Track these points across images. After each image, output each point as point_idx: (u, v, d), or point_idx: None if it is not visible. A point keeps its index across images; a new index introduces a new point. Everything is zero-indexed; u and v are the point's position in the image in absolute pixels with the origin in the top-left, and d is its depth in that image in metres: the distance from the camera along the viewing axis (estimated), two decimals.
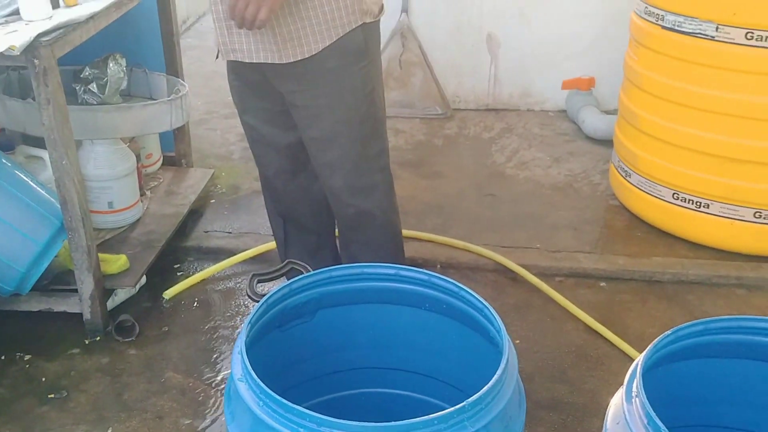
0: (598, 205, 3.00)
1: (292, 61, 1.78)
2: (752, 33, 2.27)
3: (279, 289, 1.30)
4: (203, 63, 4.39)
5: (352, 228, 2.09)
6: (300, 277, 1.33)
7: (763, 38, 2.26)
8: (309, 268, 1.36)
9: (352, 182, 1.98)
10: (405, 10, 3.66)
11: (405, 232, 2.73)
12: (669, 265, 2.57)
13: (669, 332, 1.15)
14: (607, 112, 3.50)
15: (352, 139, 1.91)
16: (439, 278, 1.32)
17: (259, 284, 1.38)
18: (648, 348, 1.12)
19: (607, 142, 3.23)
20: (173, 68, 2.88)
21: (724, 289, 2.51)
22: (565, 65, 3.65)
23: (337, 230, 2.25)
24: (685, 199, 2.60)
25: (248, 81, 1.94)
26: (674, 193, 2.62)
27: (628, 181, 2.81)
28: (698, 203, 2.57)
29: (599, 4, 3.53)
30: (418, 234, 2.75)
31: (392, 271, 1.34)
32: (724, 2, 2.30)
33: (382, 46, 3.79)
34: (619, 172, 2.88)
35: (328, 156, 1.94)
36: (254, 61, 1.80)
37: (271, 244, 2.65)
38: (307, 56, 1.78)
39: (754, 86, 2.33)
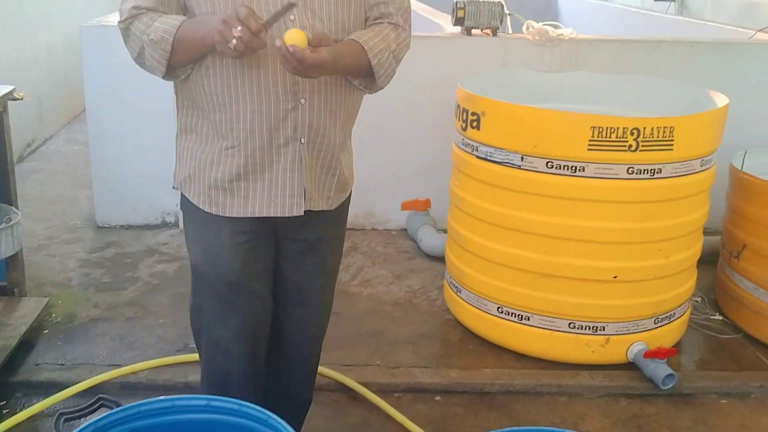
0: (435, 319, 3.16)
1: (337, 205, 1.87)
2: (552, 162, 2.57)
3: (84, 428, 1.30)
4: (47, 186, 4.32)
5: (309, 375, 2.14)
6: (108, 413, 1.34)
7: (561, 167, 2.56)
8: (119, 403, 1.37)
9: (325, 321, 2.06)
10: None
11: None
12: (497, 377, 2.73)
13: None
14: (444, 231, 3.73)
15: (336, 276, 2.05)
16: (249, 407, 1.37)
17: (68, 422, 1.37)
18: None
19: (444, 259, 3.43)
20: (6, 196, 2.83)
21: (548, 398, 2.68)
22: (404, 187, 3.89)
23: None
24: (509, 312, 2.80)
25: (264, 240, 1.82)
26: (499, 307, 2.82)
27: (459, 297, 2.99)
28: (520, 316, 2.78)
29: (429, 134, 3.82)
30: None
31: (203, 402, 1.37)
32: (527, 136, 2.59)
33: None
34: (451, 288, 3.07)
35: (325, 297, 2.00)
36: (319, 209, 1.80)
37: (107, 375, 2.59)
38: (343, 199, 1.90)
39: (555, 209, 2.60)
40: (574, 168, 2.54)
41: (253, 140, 1.68)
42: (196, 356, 2.72)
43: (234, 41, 1.48)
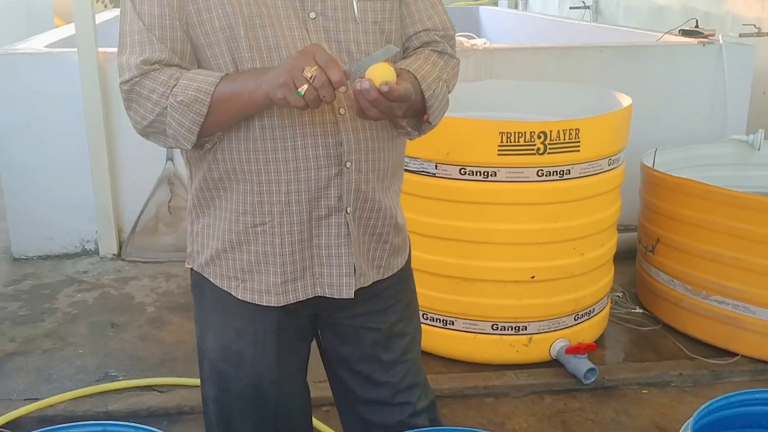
0: None
1: (394, 272, 1.58)
2: (464, 169, 2.61)
3: None
4: None
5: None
6: None
7: (474, 173, 2.60)
8: None
9: (418, 379, 1.68)
10: (170, 158, 3.76)
11: (172, 379, 2.71)
12: None
13: None
14: None
15: (418, 329, 1.73)
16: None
17: None
18: None
19: None
20: None
21: (475, 400, 2.71)
22: None
23: None
24: (433, 318, 2.82)
25: (300, 328, 1.54)
26: (423, 314, 2.84)
27: None
28: (444, 321, 2.81)
29: None
30: (187, 380, 2.71)
31: (99, 429, 1.34)
32: (440, 145, 2.62)
33: (149, 194, 3.84)
34: None
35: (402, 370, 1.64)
36: (367, 284, 1.50)
37: (23, 410, 2.50)
38: (403, 263, 1.63)
39: (471, 214, 2.64)
40: (486, 173, 2.59)
41: (290, 215, 1.40)
42: (116, 384, 2.68)
43: (305, 86, 1.20)
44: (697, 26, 4.48)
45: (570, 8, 6.97)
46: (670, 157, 3.40)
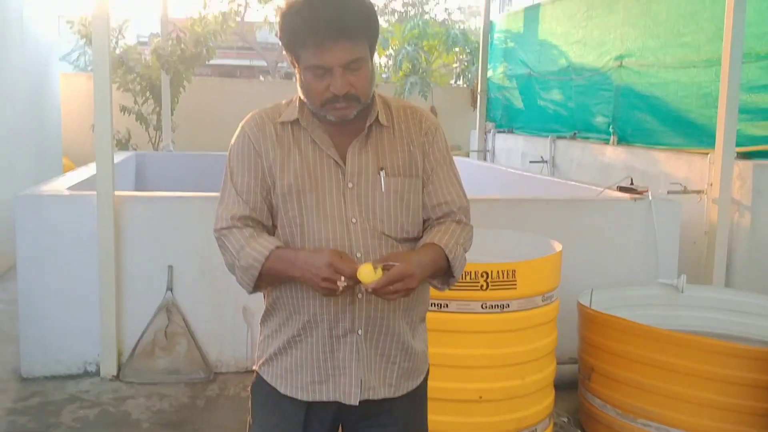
0: None
1: (403, 393, 1.93)
2: None
3: None
4: None
5: None
6: None
7: (431, 304, 3.11)
8: None
9: None
10: (170, 288, 4.25)
11: None
12: None
13: None
14: None
15: None
16: None
17: None
18: None
19: None
20: None
21: None
22: None
23: None
24: None
25: (322, 428, 1.93)
26: None
27: None
28: None
29: None
30: None
31: None
32: None
33: (147, 321, 4.27)
34: None
35: None
36: (377, 398, 1.88)
37: None
38: (415, 386, 1.97)
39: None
40: (440, 305, 3.11)
41: (316, 331, 1.85)
42: None
43: (340, 290, 1.69)
44: (632, 183, 5.15)
45: (530, 162, 7.76)
46: (606, 297, 3.91)
